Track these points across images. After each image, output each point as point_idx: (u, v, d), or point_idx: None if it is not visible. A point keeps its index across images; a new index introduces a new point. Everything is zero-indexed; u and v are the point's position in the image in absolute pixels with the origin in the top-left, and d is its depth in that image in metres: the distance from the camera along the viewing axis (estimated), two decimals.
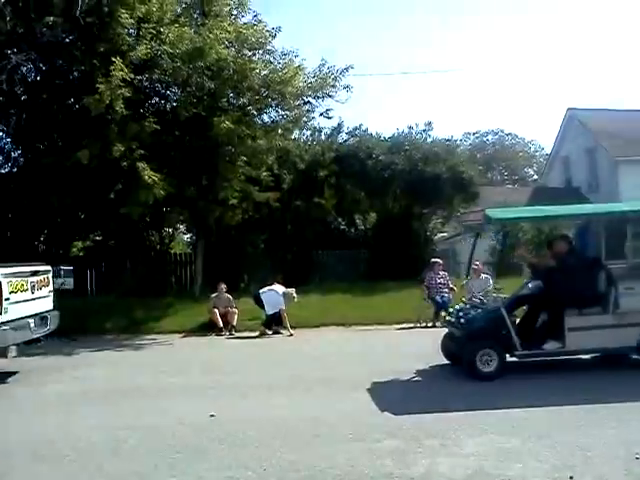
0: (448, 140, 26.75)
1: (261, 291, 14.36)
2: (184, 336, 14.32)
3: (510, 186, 48.47)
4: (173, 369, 10.02)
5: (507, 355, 8.41)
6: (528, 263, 9.78)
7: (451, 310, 9.30)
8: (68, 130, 15.18)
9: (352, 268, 22.80)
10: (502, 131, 57.55)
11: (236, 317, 14.38)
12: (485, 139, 57.32)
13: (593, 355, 9.17)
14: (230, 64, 16.13)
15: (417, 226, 24.20)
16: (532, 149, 57.81)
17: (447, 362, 9.34)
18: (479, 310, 8.78)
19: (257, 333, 14.07)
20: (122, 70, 14.35)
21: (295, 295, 14.51)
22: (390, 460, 5.12)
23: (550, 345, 8.38)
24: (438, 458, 5.13)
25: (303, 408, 7.12)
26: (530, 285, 9.29)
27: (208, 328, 14.38)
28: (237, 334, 14.14)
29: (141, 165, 14.66)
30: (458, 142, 31.75)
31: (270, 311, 13.97)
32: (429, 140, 25.45)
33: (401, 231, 22.86)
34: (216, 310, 14.23)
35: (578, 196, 30.42)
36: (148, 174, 14.66)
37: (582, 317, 8.38)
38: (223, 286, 14.96)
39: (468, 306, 9.12)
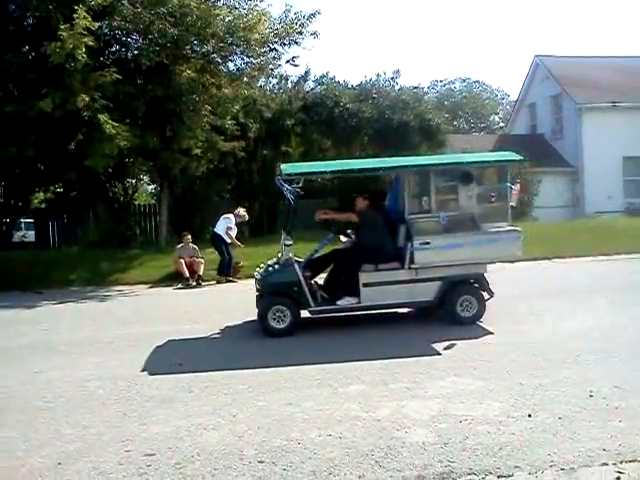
0: (416, 88, 26.71)
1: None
2: (150, 287, 14.26)
3: (476, 134, 48.60)
4: (139, 320, 9.97)
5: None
6: (328, 221, 9.30)
7: (262, 265, 9.04)
8: (24, 79, 14.62)
9: None
10: (469, 78, 57.41)
11: (202, 267, 14.33)
12: (453, 87, 57.13)
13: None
14: (193, 9, 15.62)
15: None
16: (499, 96, 57.89)
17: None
18: (276, 266, 8.60)
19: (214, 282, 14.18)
20: (85, 18, 13.83)
21: (244, 214, 14.63)
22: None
23: (345, 301, 8.26)
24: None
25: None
26: (343, 240, 9.23)
27: (174, 278, 14.32)
28: (204, 284, 14.10)
29: (102, 117, 14.28)
30: (426, 90, 31.76)
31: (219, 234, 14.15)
32: (397, 88, 25.36)
33: (366, 179, 22.85)
34: (182, 260, 14.14)
35: (542, 143, 30.82)
36: (110, 125, 14.32)
37: (377, 273, 8.26)
38: (189, 236, 14.87)
39: (275, 261, 8.85)
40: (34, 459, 4.48)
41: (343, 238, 9.16)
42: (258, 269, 8.94)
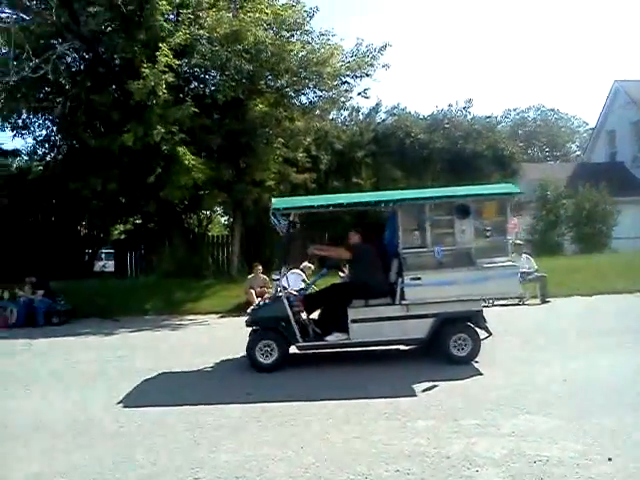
0: (488, 117, 26.47)
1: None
2: (221, 316, 14.51)
3: (551, 162, 47.51)
4: (211, 349, 10.12)
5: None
6: (321, 257, 9.13)
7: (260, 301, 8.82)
8: (110, 116, 15.44)
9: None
10: (544, 106, 56.38)
11: None
12: (526, 115, 56.22)
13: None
14: (268, 46, 16.11)
15: None
16: (575, 124, 56.54)
17: None
18: (267, 301, 8.37)
19: None
20: (167, 56, 14.54)
21: (310, 265, 14.63)
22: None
23: (334, 337, 8.04)
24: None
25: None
26: (342, 275, 8.97)
27: (245, 308, 14.45)
28: None
29: (181, 149, 14.88)
30: (498, 119, 31.37)
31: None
32: (469, 117, 25.20)
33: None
34: (252, 290, 14.30)
35: (622, 171, 29.74)
36: (188, 158, 14.86)
37: (367, 308, 8.01)
38: (260, 267, 15.06)
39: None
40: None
41: (342, 273, 9.02)
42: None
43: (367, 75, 18.27)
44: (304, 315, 8.52)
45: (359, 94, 19.27)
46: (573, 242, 23.96)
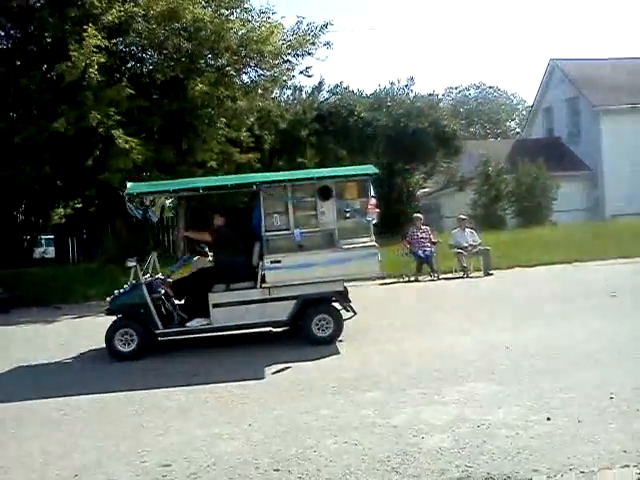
0: (430, 95, 26.63)
1: None
2: None
3: (492, 140, 48.42)
4: None
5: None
6: (185, 239, 9.20)
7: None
8: (43, 98, 14.86)
9: None
10: (484, 84, 57.33)
11: None
12: (467, 93, 57.07)
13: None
14: (207, 24, 15.80)
15: (399, 182, 24.21)
16: (514, 102, 57.69)
17: None
18: (126, 287, 8.30)
19: None
20: (95, 36, 14.03)
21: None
22: None
23: (195, 322, 8.11)
24: None
25: None
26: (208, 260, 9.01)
27: None
28: None
29: (116, 132, 14.43)
30: (440, 97, 31.63)
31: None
32: (411, 96, 25.35)
33: (383, 188, 22.84)
34: None
35: (559, 146, 30.63)
36: (124, 140, 14.46)
37: (229, 293, 8.09)
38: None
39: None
40: (51, 471, 4.48)
41: (202, 257, 9.02)
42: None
43: (309, 54, 18.20)
44: (174, 301, 8.49)
45: (301, 72, 19.23)
46: (515, 216, 24.59)
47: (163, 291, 8.49)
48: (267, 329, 8.88)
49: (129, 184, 8.51)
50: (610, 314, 8.76)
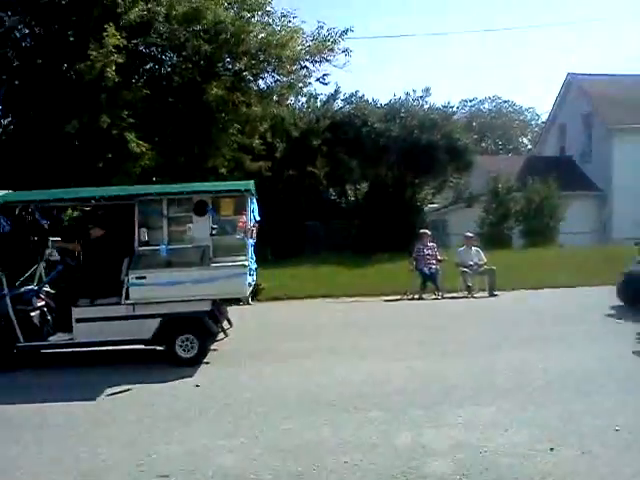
0: (445, 107, 26.46)
1: None
2: None
3: (504, 155, 48.29)
4: None
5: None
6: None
7: None
8: (59, 98, 14.90)
9: (343, 239, 22.84)
10: (499, 98, 57.13)
11: None
12: (482, 107, 56.85)
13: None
14: (228, 26, 15.81)
15: (409, 196, 24.11)
16: (528, 117, 57.46)
17: None
18: None
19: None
20: (115, 36, 14.06)
21: None
22: None
23: (56, 337, 7.96)
24: None
25: None
26: None
27: None
28: None
29: (129, 135, 14.45)
30: (455, 109, 31.42)
31: None
32: (426, 107, 25.20)
33: (393, 201, 22.83)
34: None
35: (571, 165, 30.35)
36: (135, 144, 14.47)
37: (93, 307, 7.90)
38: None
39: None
40: (52, 476, 4.57)
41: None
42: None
43: (327, 60, 18.10)
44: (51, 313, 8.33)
45: (317, 80, 19.15)
46: (521, 236, 24.40)
47: (41, 303, 8.33)
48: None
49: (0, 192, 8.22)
50: (614, 339, 8.72)
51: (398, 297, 14.30)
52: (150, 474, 4.57)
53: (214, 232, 7.99)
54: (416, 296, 14.27)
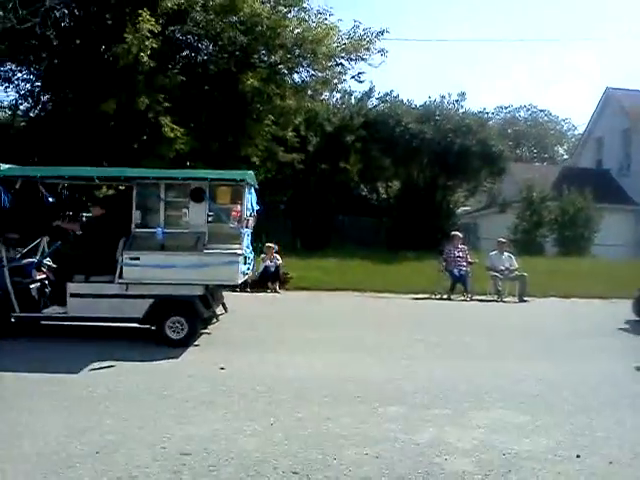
0: (480, 112, 26.25)
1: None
2: None
3: (538, 164, 47.70)
4: None
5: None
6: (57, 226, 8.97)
7: None
8: (96, 78, 15.06)
9: (372, 235, 22.81)
10: (535, 107, 56.50)
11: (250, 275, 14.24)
12: (517, 114, 56.30)
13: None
14: (264, 19, 15.91)
15: (440, 198, 23.98)
16: (565, 127, 56.76)
17: None
18: None
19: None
20: (149, 21, 14.16)
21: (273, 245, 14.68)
22: None
23: (51, 310, 8.12)
24: None
25: None
26: None
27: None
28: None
29: (164, 119, 14.55)
30: (490, 115, 31.15)
31: None
32: (461, 111, 25.00)
33: (424, 202, 22.71)
34: None
35: (608, 178, 29.94)
36: (169, 128, 14.56)
37: (88, 284, 8.02)
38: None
39: None
40: (73, 445, 4.49)
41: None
42: None
43: (362, 59, 18.19)
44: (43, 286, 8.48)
45: (352, 77, 19.27)
46: (555, 244, 24.09)
47: (42, 276, 8.55)
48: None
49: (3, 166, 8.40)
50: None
51: (426, 296, 14.13)
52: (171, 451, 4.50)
53: (210, 219, 8.12)
54: (445, 296, 14.11)
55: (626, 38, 77.43)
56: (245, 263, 8.45)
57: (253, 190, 8.94)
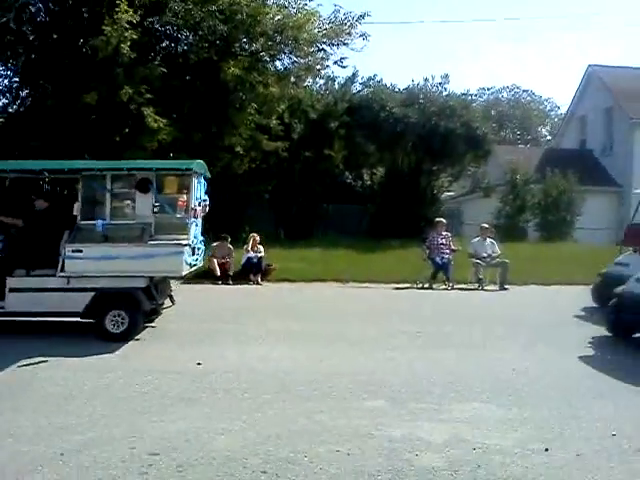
0: (464, 94, 26.11)
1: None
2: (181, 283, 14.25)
3: (522, 146, 47.72)
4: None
5: None
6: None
7: None
8: (75, 72, 14.94)
9: (357, 223, 22.78)
10: (518, 87, 56.41)
11: (232, 267, 14.26)
12: (500, 95, 56.16)
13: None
14: (243, 7, 15.81)
15: (425, 184, 23.89)
16: (548, 107, 56.71)
17: None
18: None
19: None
20: (127, 12, 14.04)
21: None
22: None
23: None
24: None
25: None
26: None
27: (204, 276, 13.70)
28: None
29: (147, 110, 14.49)
30: (473, 97, 30.92)
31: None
32: (444, 94, 24.87)
33: (408, 188, 22.66)
34: (214, 259, 14.05)
35: (591, 159, 29.81)
36: (153, 119, 14.50)
37: (28, 278, 7.95)
38: (228, 237, 14.75)
39: None
40: (39, 447, 4.50)
41: None
42: None
43: (344, 44, 18.14)
44: None
45: (335, 63, 19.17)
46: (537, 229, 24.11)
47: None
48: None
49: None
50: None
51: (408, 285, 14.14)
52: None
53: (156, 210, 8.03)
54: (426, 285, 14.08)
55: (607, 15, 77.47)
56: (193, 254, 8.39)
57: (203, 179, 8.88)
